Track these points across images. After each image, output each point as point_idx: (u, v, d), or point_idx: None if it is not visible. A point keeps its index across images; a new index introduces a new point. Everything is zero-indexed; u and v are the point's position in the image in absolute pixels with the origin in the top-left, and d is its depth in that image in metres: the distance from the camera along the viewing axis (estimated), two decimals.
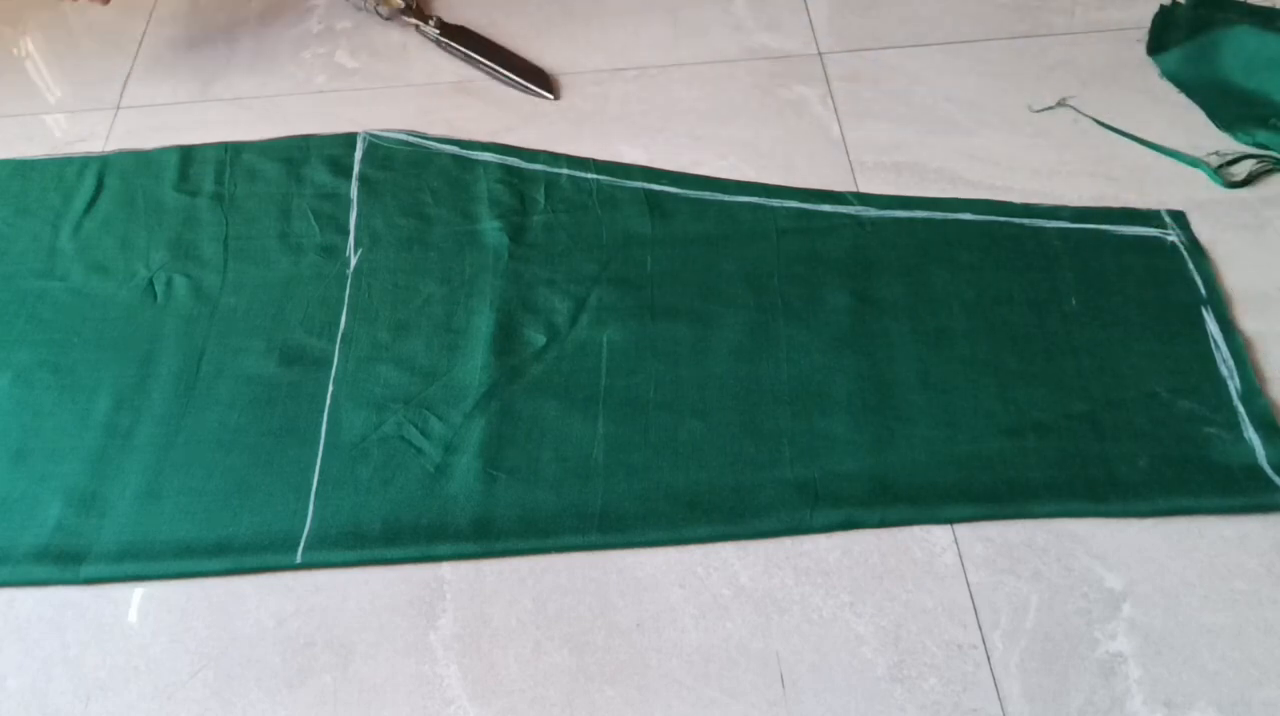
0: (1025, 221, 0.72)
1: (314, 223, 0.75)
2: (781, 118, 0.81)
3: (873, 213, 0.73)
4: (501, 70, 0.85)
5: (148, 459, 0.62)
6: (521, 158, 0.79)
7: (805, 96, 0.83)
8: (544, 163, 0.78)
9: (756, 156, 0.78)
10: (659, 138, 0.80)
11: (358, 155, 0.79)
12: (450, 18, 0.91)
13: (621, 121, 0.82)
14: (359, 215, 0.75)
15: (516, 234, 0.73)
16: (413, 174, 0.78)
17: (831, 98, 0.82)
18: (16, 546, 0.59)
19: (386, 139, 0.80)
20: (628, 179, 0.76)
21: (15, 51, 0.94)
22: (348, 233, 0.74)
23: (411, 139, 0.80)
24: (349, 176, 0.78)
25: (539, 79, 0.84)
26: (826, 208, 0.73)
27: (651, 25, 0.90)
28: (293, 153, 0.80)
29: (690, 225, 0.73)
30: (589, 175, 0.77)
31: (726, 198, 0.75)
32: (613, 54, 0.87)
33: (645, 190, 0.76)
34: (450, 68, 0.88)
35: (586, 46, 0.88)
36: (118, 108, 0.87)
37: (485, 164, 0.78)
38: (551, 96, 0.84)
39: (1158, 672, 0.52)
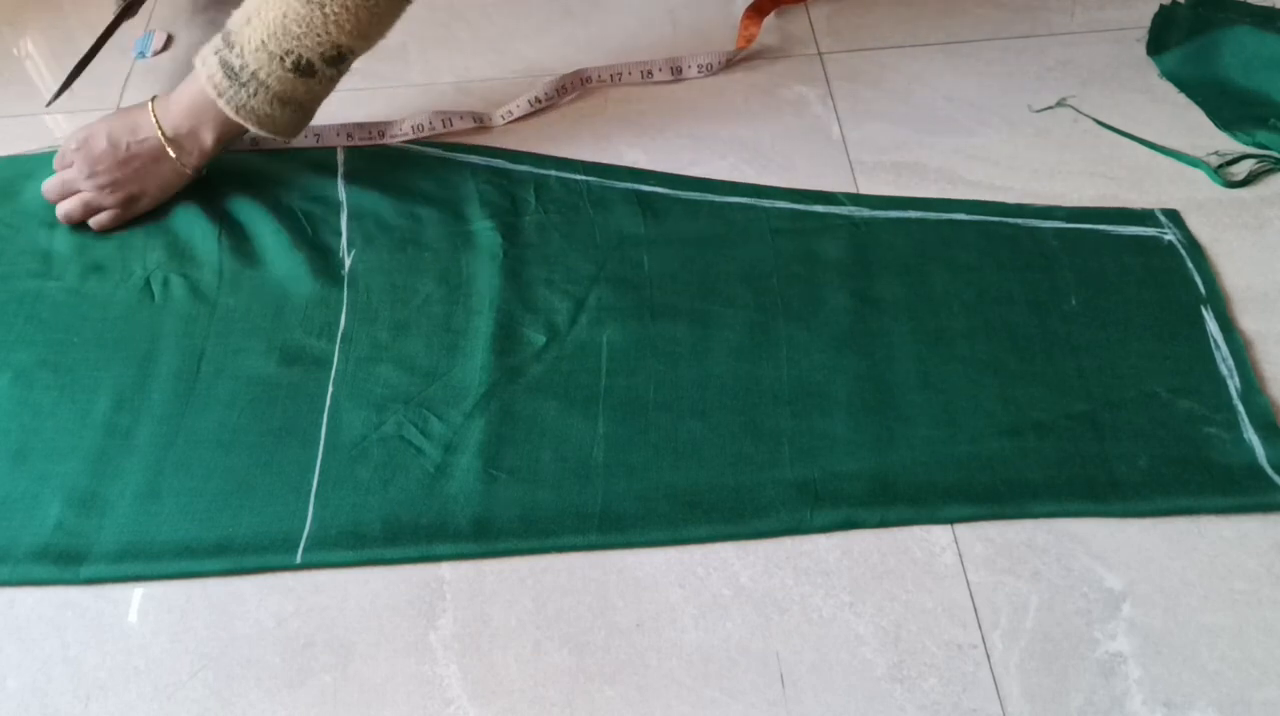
0: (1020, 221, 0.72)
1: (306, 223, 0.74)
2: (781, 118, 0.81)
3: (865, 213, 0.73)
4: None
5: (148, 459, 0.62)
6: (507, 159, 0.79)
7: (805, 96, 0.83)
8: (530, 164, 0.78)
9: (756, 156, 0.78)
10: (659, 138, 0.80)
11: (340, 156, 0.79)
12: (450, 16, 0.91)
13: (621, 121, 0.82)
14: (349, 216, 0.75)
15: (510, 234, 0.73)
16: (399, 174, 0.77)
17: (831, 98, 0.82)
18: (16, 546, 0.59)
19: None
20: (616, 180, 0.76)
21: (15, 51, 0.94)
22: (340, 233, 0.74)
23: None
24: (334, 176, 0.77)
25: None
26: (819, 208, 0.73)
27: (651, 25, 0.90)
28: (278, 153, 0.80)
29: (684, 226, 0.73)
30: (577, 176, 0.77)
31: (717, 198, 0.75)
32: (612, 53, 0.87)
33: (636, 191, 0.76)
34: (450, 67, 0.88)
35: (586, 46, 0.88)
36: (118, 108, 0.87)
37: (472, 166, 0.78)
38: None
39: (1158, 672, 0.52)
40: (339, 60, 0.68)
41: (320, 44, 0.66)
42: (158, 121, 0.70)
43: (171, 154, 0.71)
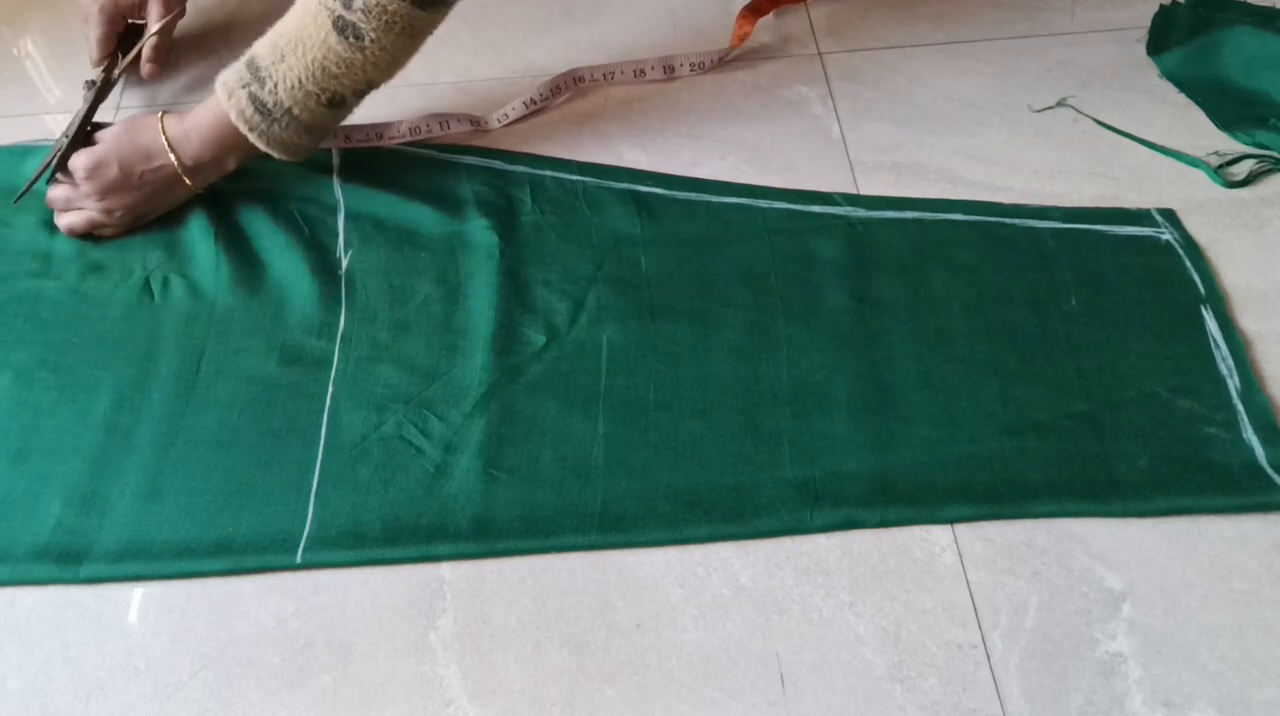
0: (1017, 221, 0.72)
1: (303, 223, 0.74)
2: (781, 118, 0.81)
3: (861, 213, 0.73)
4: None
5: (148, 458, 0.62)
6: (504, 160, 0.78)
7: (805, 96, 0.83)
8: (526, 164, 0.78)
9: (756, 156, 0.78)
10: (659, 138, 0.80)
11: (335, 161, 0.78)
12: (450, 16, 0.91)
13: (621, 121, 0.82)
14: (346, 216, 0.75)
15: (506, 234, 0.72)
16: (395, 175, 0.77)
17: (831, 98, 0.82)
18: (16, 546, 0.59)
19: None
20: (613, 180, 0.76)
21: (15, 51, 0.94)
22: (337, 234, 0.74)
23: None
24: (330, 174, 0.77)
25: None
26: (815, 208, 0.73)
27: (651, 25, 0.90)
28: None
29: (680, 226, 0.73)
30: (573, 177, 0.77)
31: (713, 198, 0.75)
32: (613, 54, 0.87)
33: (632, 191, 0.75)
34: (450, 67, 0.88)
35: (586, 47, 0.88)
36: (118, 108, 0.87)
37: (468, 166, 0.78)
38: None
39: (1158, 672, 0.52)
40: (367, 92, 0.70)
41: (356, 81, 0.68)
42: (174, 149, 0.70)
43: (188, 181, 0.72)
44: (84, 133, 0.73)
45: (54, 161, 0.72)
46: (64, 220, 0.73)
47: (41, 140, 0.82)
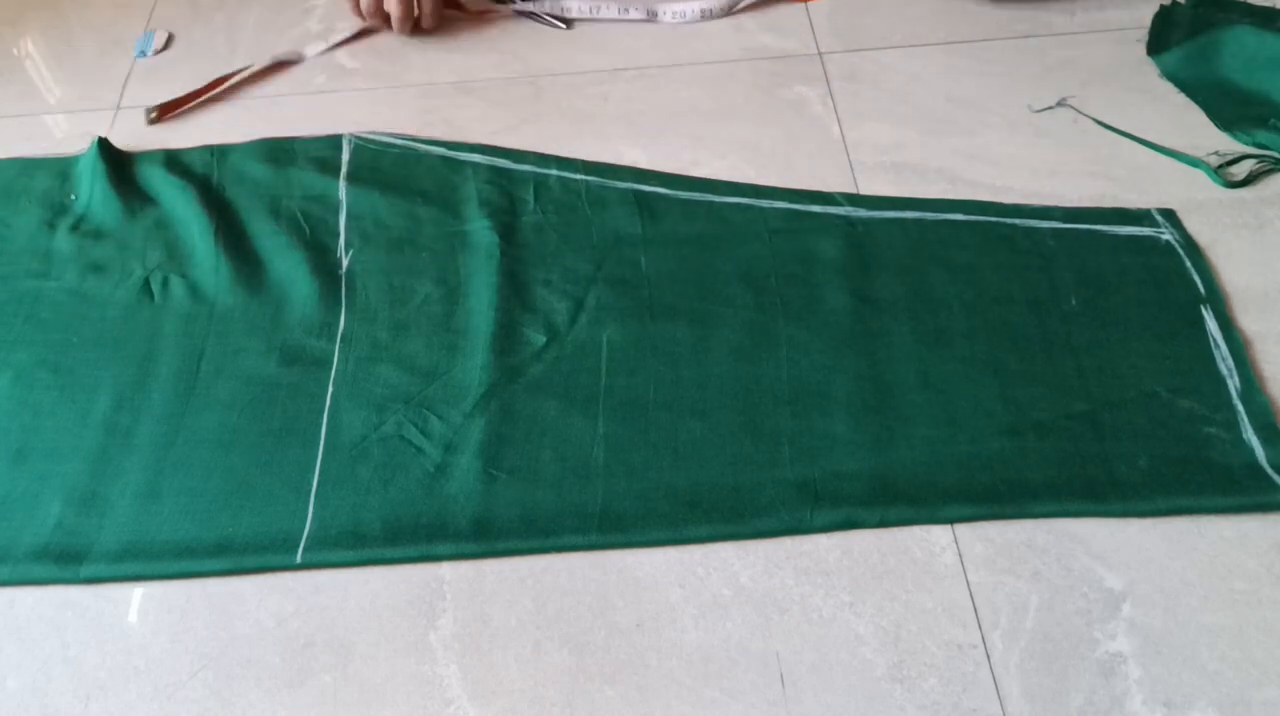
0: (1017, 222, 0.72)
1: (304, 223, 0.74)
2: (781, 118, 0.81)
3: (862, 213, 0.73)
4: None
5: (148, 458, 0.62)
6: (510, 159, 0.79)
7: (805, 96, 0.83)
8: (532, 163, 0.78)
9: (756, 156, 0.78)
10: (659, 138, 0.80)
11: (345, 157, 0.79)
12: (449, 16, 0.91)
13: (622, 122, 0.82)
14: (348, 216, 0.75)
15: (506, 234, 0.73)
16: (400, 175, 0.78)
17: (831, 98, 0.82)
18: (16, 546, 0.59)
19: (374, 140, 0.80)
20: (617, 180, 0.76)
21: (15, 51, 0.94)
22: (338, 234, 0.74)
23: (398, 140, 0.80)
24: (336, 177, 0.78)
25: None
26: (816, 208, 0.73)
27: (652, 25, 0.90)
28: (279, 154, 0.80)
29: (681, 226, 0.73)
30: (577, 176, 0.77)
31: (716, 198, 0.75)
32: (613, 54, 0.87)
33: (634, 191, 0.76)
34: (449, 68, 0.88)
35: (587, 47, 0.89)
36: (118, 108, 0.87)
37: (474, 165, 0.78)
38: (564, 26, 0.87)
39: (1158, 672, 0.52)
40: None
41: None
42: None
43: None
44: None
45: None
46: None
47: (43, 154, 0.82)
